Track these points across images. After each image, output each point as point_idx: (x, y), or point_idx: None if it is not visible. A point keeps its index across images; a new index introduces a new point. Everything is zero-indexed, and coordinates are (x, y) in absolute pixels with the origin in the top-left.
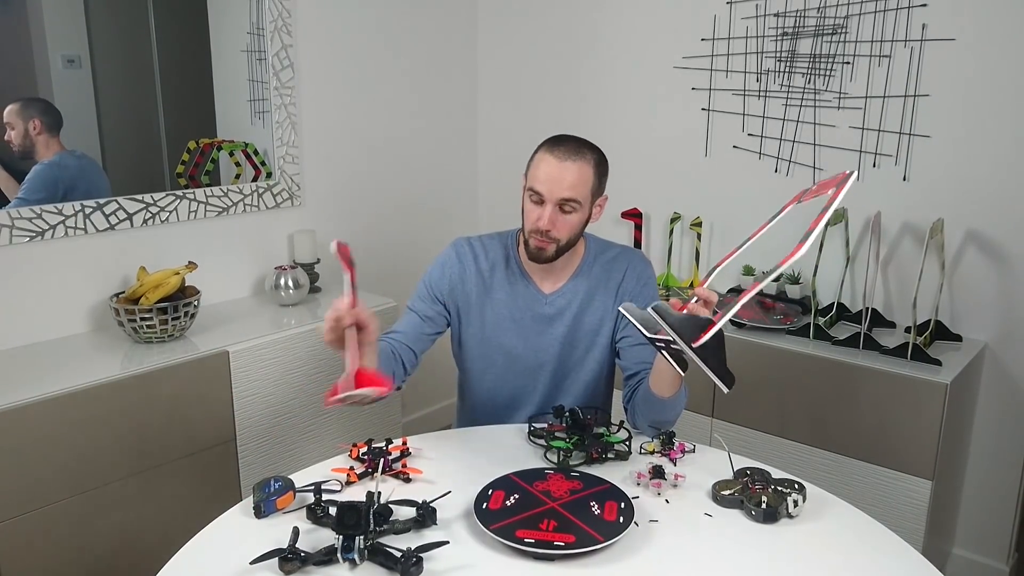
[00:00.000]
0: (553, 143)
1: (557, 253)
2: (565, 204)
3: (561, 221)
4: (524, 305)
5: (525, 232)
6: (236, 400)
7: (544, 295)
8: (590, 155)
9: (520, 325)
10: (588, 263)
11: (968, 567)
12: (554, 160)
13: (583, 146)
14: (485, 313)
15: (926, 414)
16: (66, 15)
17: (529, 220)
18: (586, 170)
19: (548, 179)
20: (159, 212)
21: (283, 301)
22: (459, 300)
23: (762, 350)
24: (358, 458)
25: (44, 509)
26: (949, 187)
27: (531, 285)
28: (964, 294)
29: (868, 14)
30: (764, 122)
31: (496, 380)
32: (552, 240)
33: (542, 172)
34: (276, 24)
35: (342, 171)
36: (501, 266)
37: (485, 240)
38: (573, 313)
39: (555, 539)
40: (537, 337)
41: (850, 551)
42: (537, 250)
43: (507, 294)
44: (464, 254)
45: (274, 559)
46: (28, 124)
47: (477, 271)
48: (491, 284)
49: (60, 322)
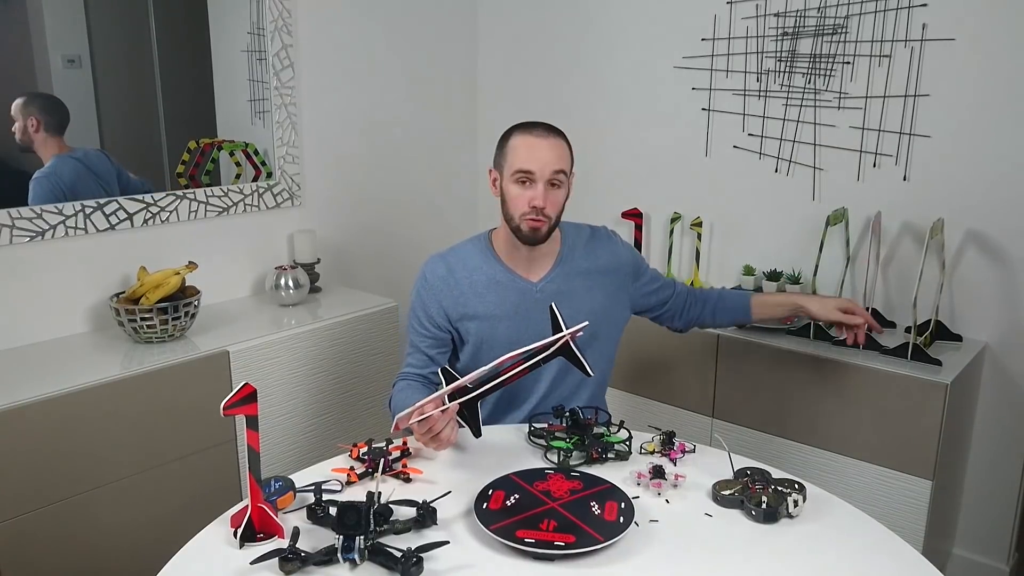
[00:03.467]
0: (526, 127)
1: (548, 232)
2: (555, 178)
3: (552, 197)
4: (516, 300)
5: (515, 219)
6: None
7: (533, 283)
8: (560, 133)
9: (515, 320)
10: (568, 246)
11: (968, 567)
12: (536, 139)
13: (551, 126)
14: (478, 321)
15: (926, 414)
16: (66, 15)
17: (520, 203)
18: (565, 145)
19: (538, 157)
20: (159, 212)
21: (283, 301)
22: (449, 315)
23: (762, 350)
24: (358, 458)
25: (44, 509)
26: (949, 187)
27: (518, 278)
28: (964, 294)
29: (868, 14)
30: (764, 122)
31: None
32: (546, 218)
33: (527, 152)
34: (276, 24)
35: (342, 171)
36: (481, 269)
37: (458, 249)
38: (568, 297)
39: (555, 539)
40: (535, 327)
41: (850, 551)
42: (532, 231)
43: (496, 294)
44: (437, 271)
45: (274, 559)
46: (26, 121)
47: (456, 283)
48: (476, 290)
49: (60, 322)
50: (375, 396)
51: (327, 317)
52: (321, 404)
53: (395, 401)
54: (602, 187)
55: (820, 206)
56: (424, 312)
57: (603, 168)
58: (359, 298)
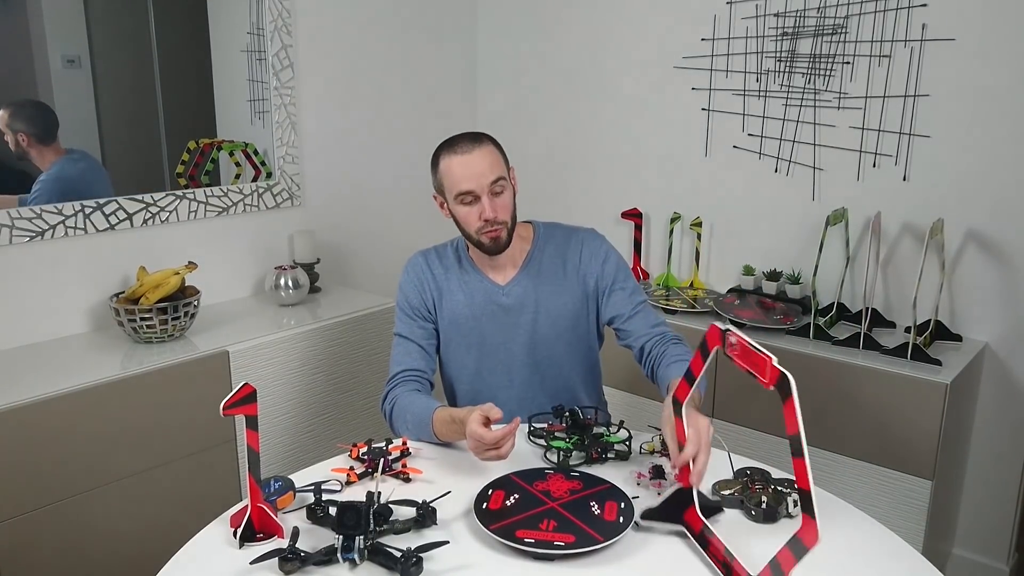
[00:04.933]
0: (449, 145)
1: (508, 236)
2: (495, 186)
3: (499, 204)
4: (483, 300)
5: (474, 235)
6: None
7: (500, 286)
8: (484, 138)
9: (481, 322)
10: (539, 248)
11: (968, 567)
12: (464, 156)
13: (473, 136)
14: (447, 317)
15: (926, 414)
16: (66, 15)
17: (472, 221)
18: (491, 150)
19: (472, 174)
20: (159, 212)
21: (283, 301)
22: (429, 308)
23: None
24: (358, 458)
25: (44, 509)
26: (949, 187)
27: (485, 280)
28: (964, 294)
29: (868, 14)
30: (764, 122)
31: (472, 380)
32: (501, 223)
33: (460, 172)
34: (276, 24)
35: (342, 171)
36: (454, 267)
37: (438, 248)
38: (534, 300)
39: (555, 539)
40: (502, 330)
41: (850, 551)
42: (492, 242)
43: (464, 294)
44: (417, 264)
45: (274, 559)
46: (16, 137)
47: (432, 277)
48: (448, 287)
49: (60, 322)
50: (375, 396)
51: (327, 317)
52: (321, 404)
53: (413, 408)
54: (602, 187)
55: (820, 206)
56: (408, 303)
57: (603, 168)
58: (359, 298)
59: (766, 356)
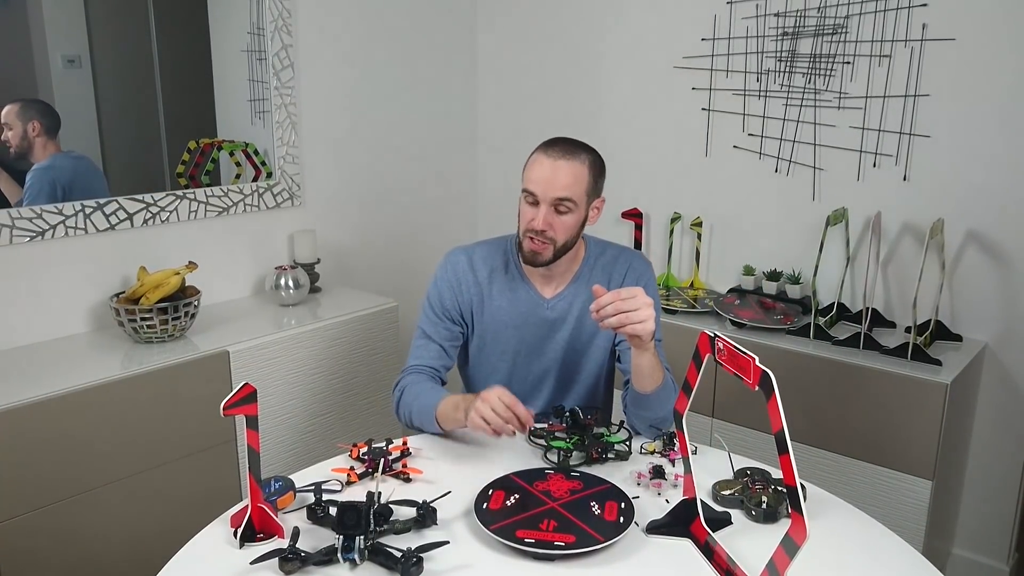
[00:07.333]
0: (548, 144)
1: (554, 256)
2: (560, 204)
3: (557, 222)
4: (526, 311)
5: (520, 234)
6: None
7: (545, 299)
8: (584, 156)
9: (521, 331)
10: (588, 266)
11: (968, 567)
12: (548, 160)
13: (578, 147)
14: (485, 322)
15: (926, 414)
16: (66, 15)
17: (524, 221)
18: (580, 170)
19: (542, 179)
20: (159, 212)
21: (283, 301)
22: (463, 310)
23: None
24: (358, 458)
25: (44, 509)
26: (949, 187)
27: (532, 290)
28: (964, 294)
29: (868, 14)
30: (764, 122)
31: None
32: (548, 241)
33: (536, 172)
34: (276, 24)
35: (342, 171)
36: (500, 272)
37: (481, 247)
38: (575, 317)
39: (555, 539)
40: (540, 343)
41: (850, 551)
42: (532, 253)
43: (507, 300)
44: (459, 264)
45: (274, 559)
46: (27, 125)
47: (475, 280)
48: (490, 291)
49: (60, 322)
50: (375, 396)
51: (327, 317)
52: (321, 404)
53: (417, 395)
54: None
55: (820, 206)
56: (440, 303)
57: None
58: (359, 298)
59: (749, 357)
